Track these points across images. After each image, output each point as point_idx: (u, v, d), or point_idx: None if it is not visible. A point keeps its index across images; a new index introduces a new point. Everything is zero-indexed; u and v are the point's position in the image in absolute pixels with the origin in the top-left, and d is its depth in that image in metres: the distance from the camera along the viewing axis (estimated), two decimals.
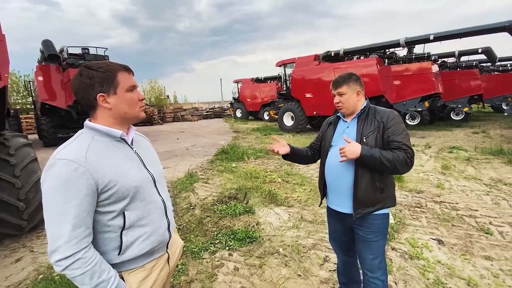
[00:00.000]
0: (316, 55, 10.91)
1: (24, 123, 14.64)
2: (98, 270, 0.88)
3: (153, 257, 1.06)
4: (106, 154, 0.95)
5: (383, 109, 1.53)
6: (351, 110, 1.54)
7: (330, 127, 1.66)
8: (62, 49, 9.88)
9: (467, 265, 2.28)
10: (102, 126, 0.97)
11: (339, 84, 1.52)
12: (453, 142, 7.98)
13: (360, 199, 1.45)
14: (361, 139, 1.45)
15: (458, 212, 3.31)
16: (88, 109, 0.99)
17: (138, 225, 0.98)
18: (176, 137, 11.39)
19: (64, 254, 0.84)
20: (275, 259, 2.47)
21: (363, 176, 1.44)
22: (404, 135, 1.42)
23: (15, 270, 2.46)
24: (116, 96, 0.97)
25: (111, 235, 0.95)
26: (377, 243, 1.51)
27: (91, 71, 0.94)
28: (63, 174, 0.84)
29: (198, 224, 3.16)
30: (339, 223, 1.65)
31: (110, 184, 0.90)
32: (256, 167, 5.58)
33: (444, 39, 8.55)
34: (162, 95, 27.18)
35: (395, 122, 1.44)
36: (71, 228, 0.84)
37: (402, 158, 1.36)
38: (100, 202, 0.91)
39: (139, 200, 0.99)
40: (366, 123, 1.48)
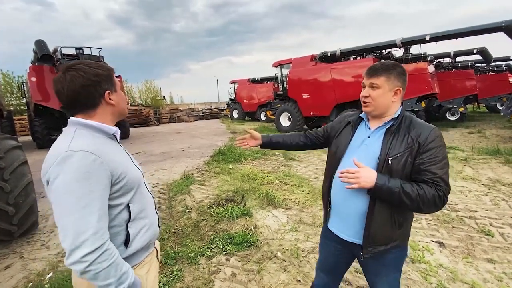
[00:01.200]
0: (313, 56, 10.89)
1: (18, 124, 14.39)
2: (120, 261, 0.89)
3: (148, 251, 1.09)
4: (109, 148, 0.96)
5: (422, 123, 1.16)
6: (379, 112, 1.19)
7: (347, 129, 1.30)
8: (56, 50, 9.73)
9: (470, 268, 2.24)
10: (97, 123, 0.97)
11: (376, 73, 1.15)
12: (449, 142, 8.00)
13: (373, 236, 1.15)
14: (386, 160, 1.11)
15: (458, 213, 3.27)
16: (86, 107, 0.96)
17: (139, 217, 1.01)
18: (172, 138, 11.28)
19: (92, 247, 0.81)
20: (274, 263, 2.40)
21: (381, 205, 1.13)
22: (443, 164, 1.08)
23: (4, 278, 2.36)
24: (117, 93, 1.02)
25: (117, 229, 0.95)
26: (389, 277, 1.25)
27: (95, 69, 0.95)
28: (83, 165, 0.83)
29: (194, 228, 3.08)
30: (338, 249, 1.34)
31: (121, 175, 0.92)
32: (254, 169, 5.51)
33: (440, 39, 8.58)
34: (158, 96, 26.97)
35: (436, 145, 1.08)
36: (97, 219, 0.83)
37: (431, 197, 1.05)
38: (111, 195, 0.91)
39: (139, 193, 1.02)
40: (397, 138, 1.12)
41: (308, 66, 10.79)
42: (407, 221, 1.20)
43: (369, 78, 1.18)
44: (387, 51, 10.07)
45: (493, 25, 7.51)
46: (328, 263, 1.44)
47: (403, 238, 1.22)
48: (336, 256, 1.38)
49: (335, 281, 1.50)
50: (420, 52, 9.91)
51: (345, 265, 1.43)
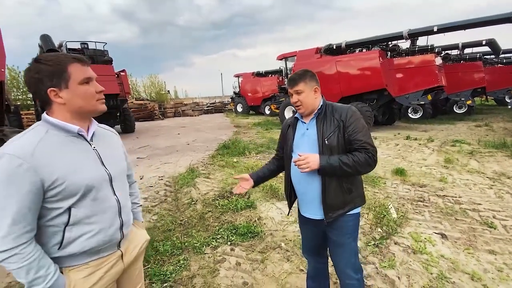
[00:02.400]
0: (318, 48, 10.77)
1: (25, 119, 14.63)
2: (36, 266, 0.87)
3: (99, 256, 1.03)
4: (58, 149, 0.92)
5: (340, 105, 1.46)
6: (310, 109, 1.45)
7: (290, 129, 1.57)
8: (61, 44, 9.81)
9: (471, 259, 2.26)
10: (58, 121, 0.93)
11: (295, 82, 1.43)
12: (456, 135, 7.92)
13: (329, 203, 1.40)
14: (323, 141, 1.38)
15: (461, 206, 3.28)
16: (44, 104, 0.95)
17: (84, 222, 0.96)
18: (177, 132, 11.37)
19: (1, 248, 0.84)
20: (277, 254, 2.46)
21: (331, 180, 1.39)
22: (364, 132, 1.38)
23: None
24: (69, 90, 0.92)
25: (54, 229, 0.93)
26: (350, 244, 1.48)
27: (39, 65, 0.89)
28: (6, 169, 0.83)
29: (199, 219, 3.15)
30: (311, 230, 1.59)
31: (58, 181, 0.88)
32: (258, 162, 5.55)
33: (448, 30, 8.41)
34: (163, 90, 27.07)
35: (354, 119, 1.38)
36: (10, 223, 0.83)
37: (363, 160, 1.33)
38: (47, 199, 0.89)
39: (90, 198, 0.96)
40: (326, 122, 1.41)
41: (313, 59, 10.67)
42: (354, 185, 1.45)
43: (292, 87, 1.45)
44: (393, 43, 9.92)
45: (502, 16, 7.33)
46: (309, 246, 1.68)
47: (357, 200, 1.46)
48: (313, 237, 1.62)
49: (321, 262, 1.72)
50: (427, 44, 9.74)
51: (323, 244, 1.63)
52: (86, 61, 0.98)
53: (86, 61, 0.98)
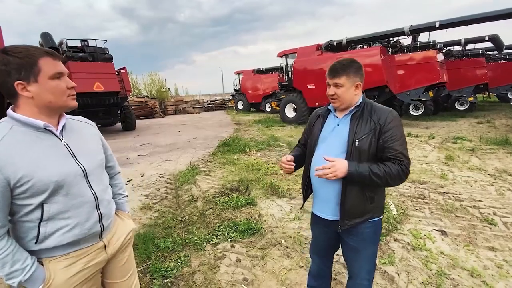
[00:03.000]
0: (318, 45, 10.73)
1: None
2: (10, 260, 0.88)
3: (79, 247, 1.03)
4: (24, 146, 0.89)
5: (381, 107, 1.32)
6: (346, 105, 1.34)
7: (319, 121, 1.46)
8: (62, 42, 9.80)
9: (471, 256, 2.27)
10: (22, 116, 0.91)
11: (337, 73, 1.29)
12: (457, 132, 7.89)
13: (347, 209, 1.29)
14: (353, 142, 1.26)
15: (462, 203, 3.28)
16: (9, 97, 0.92)
17: (59, 217, 0.95)
18: (177, 130, 11.38)
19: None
20: (277, 250, 2.47)
21: (352, 184, 1.27)
22: (402, 141, 1.25)
23: None
24: (38, 84, 0.90)
25: (29, 225, 0.93)
26: (368, 250, 1.38)
27: (7, 56, 0.86)
28: None
29: (200, 216, 3.17)
30: (323, 230, 1.50)
31: (23, 179, 0.87)
32: (258, 159, 5.56)
33: (450, 26, 8.35)
34: (163, 88, 27.05)
35: (394, 125, 1.24)
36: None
37: (395, 172, 1.21)
38: (15, 196, 0.89)
39: (62, 194, 0.95)
40: (361, 122, 1.28)
41: (313, 56, 10.64)
42: (378, 195, 1.33)
43: (332, 78, 1.32)
44: (394, 39, 9.86)
45: (506, 11, 7.26)
46: (319, 246, 1.59)
47: (376, 211, 1.34)
48: (323, 237, 1.53)
49: (327, 263, 1.64)
50: (429, 40, 9.68)
51: (333, 247, 1.56)
52: (58, 55, 0.96)
53: (58, 55, 0.96)
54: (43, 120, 0.94)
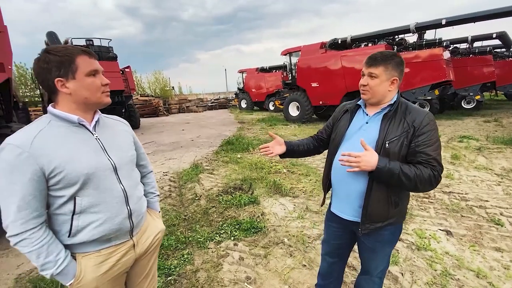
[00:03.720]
0: (323, 43, 10.65)
1: (33, 115, 14.87)
2: (45, 251, 0.92)
3: (110, 244, 1.06)
4: (59, 139, 0.94)
5: (417, 108, 1.22)
6: (376, 100, 1.24)
7: (346, 116, 1.37)
8: (67, 41, 9.85)
9: (477, 256, 2.24)
10: (59, 111, 0.97)
11: (375, 63, 1.19)
12: (463, 131, 7.79)
13: (370, 212, 1.22)
14: (383, 144, 1.17)
15: (468, 202, 3.24)
16: (49, 94, 0.98)
17: (90, 211, 0.99)
18: (181, 128, 11.42)
19: (12, 232, 0.90)
20: (280, 249, 2.47)
21: (379, 186, 1.19)
22: (436, 146, 1.15)
23: (26, 259, 2.52)
24: (75, 80, 0.95)
25: (63, 218, 0.97)
26: (385, 251, 1.37)
27: (48, 55, 0.92)
28: (8, 159, 0.87)
29: (203, 215, 3.18)
30: (339, 229, 1.44)
31: (56, 170, 0.91)
32: (261, 158, 5.55)
33: (457, 23, 8.23)
34: (167, 87, 27.16)
35: (429, 128, 1.15)
36: (16, 210, 0.88)
37: (427, 177, 1.11)
38: (50, 187, 0.93)
39: (92, 187, 0.98)
40: (393, 123, 1.18)
41: (317, 54, 10.57)
42: (402, 200, 1.27)
43: (368, 67, 1.23)
44: (400, 37, 9.74)
45: None
46: (332, 246, 1.53)
47: (399, 216, 1.29)
48: (339, 237, 1.47)
49: (339, 264, 1.58)
50: (435, 38, 9.54)
51: (347, 246, 1.51)
52: (93, 54, 1.00)
53: (93, 54, 1.00)
54: (79, 115, 0.99)
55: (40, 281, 2.08)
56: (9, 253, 2.62)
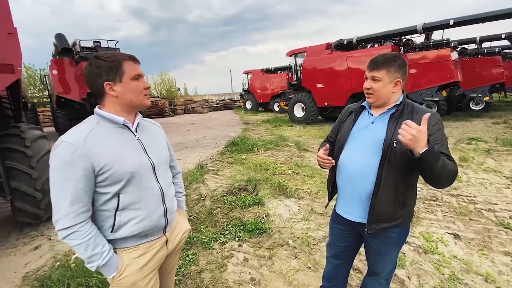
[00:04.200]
0: (328, 44, 10.61)
1: (42, 116, 15.12)
2: (93, 243, 0.98)
3: (147, 239, 1.13)
4: (107, 139, 1.01)
5: (423, 108, 1.22)
6: (381, 102, 1.24)
7: (350, 117, 1.37)
8: (75, 43, 10.03)
9: (485, 260, 2.19)
10: (106, 113, 1.03)
11: (376, 66, 1.20)
12: (472, 133, 7.66)
13: (377, 212, 1.21)
14: (390, 143, 1.16)
15: (476, 205, 3.18)
16: (97, 97, 1.05)
17: (132, 208, 1.05)
18: (186, 129, 11.48)
19: (63, 226, 0.94)
20: (285, 250, 2.46)
21: (386, 186, 1.18)
22: (446, 146, 1.15)
23: (34, 257, 2.56)
24: (122, 84, 1.02)
25: (107, 214, 1.03)
26: (392, 254, 1.36)
27: (99, 61, 1.00)
28: (63, 155, 0.93)
29: (208, 215, 3.18)
30: (345, 231, 1.43)
31: (105, 167, 0.97)
32: (266, 159, 5.55)
33: (465, 24, 8.11)
34: (173, 88, 27.33)
35: (437, 128, 1.15)
36: (69, 204, 0.94)
37: (454, 170, 1.09)
38: (97, 183, 0.99)
39: (134, 185, 1.04)
40: (400, 123, 1.14)
41: (323, 55, 10.53)
42: (410, 201, 1.25)
43: (371, 71, 1.23)
44: (406, 38, 9.64)
45: None
46: (337, 248, 1.51)
47: (406, 217, 1.28)
48: (344, 239, 1.46)
49: (345, 267, 1.57)
50: (443, 38, 9.42)
51: (353, 249, 1.50)
52: (137, 59, 1.07)
53: (137, 59, 1.07)
54: (123, 117, 1.06)
55: (47, 279, 2.11)
56: (16, 252, 2.66)
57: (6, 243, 2.83)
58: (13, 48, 2.45)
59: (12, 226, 3.16)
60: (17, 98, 3.33)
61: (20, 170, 2.78)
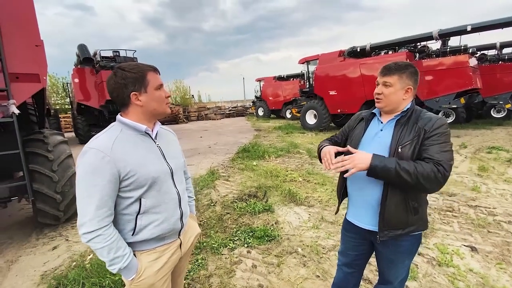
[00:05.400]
0: (341, 51, 10.58)
1: (63, 122, 15.86)
2: (115, 247, 1.01)
3: (164, 242, 1.17)
4: (131, 146, 1.06)
5: (430, 114, 1.23)
6: (391, 108, 1.26)
7: (361, 124, 1.39)
8: (96, 53, 10.53)
9: (503, 275, 2.09)
10: (130, 121, 1.08)
11: (389, 72, 1.23)
12: (492, 141, 7.36)
13: (388, 219, 1.21)
14: (396, 148, 1.18)
15: (496, 217, 3.05)
16: (121, 106, 1.10)
17: (152, 211, 1.09)
18: (199, 136, 11.68)
19: (88, 229, 0.97)
20: (294, 258, 2.44)
21: (394, 191, 1.19)
22: (444, 145, 1.14)
23: (52, 257, 2.68)
24: (147, 94, 1.07)
25: (128, 218, 1.07)
26: (404, 262, 1.33)
27: (124, 72, 1.05)
28: (92, 162, 0.97)
29: (218, 221, 3.22)
30: (356, 239, 1.42)
31: (130, 173, 1.01)
32: (277, 166, 5.55)
33: (483, 30, 7.87)
34: (187, 95, 27.95)
35: (440, 131, 1.15)
36: (95, 208, 0.97)
37: (429, 171, 1.09)
38: (121, 188, 1.03)
39: (155, 189, 1.09)
40: (406, 129, 1.20)
41: (335, 62, 10.50)
42: (421, 206, 1.24)
43: (383, 76, 1.26)
44: (422, 44, 9.47)
45: None
46: (349, 256, 1.50)
47: (420, 224, 1.26)
48: (355, 247, 1.45)
49: (355, 275, 1.55)
50: (460, 44, 9.18)
51: (365, 257, 1.48)
52: (158, 70, 1.14)
53: (158, 70, 1.14)
54: (145, 125, 1.10)
55: (64, 278, 2.20)
56: (36, 251, 2.79)
57: (26, 243, 2.98)
58: (39, 59, 2.63)
59: (33, 227, 3.32)
60: (41, 106, 3.54)
61: (42, 173, 2.94)
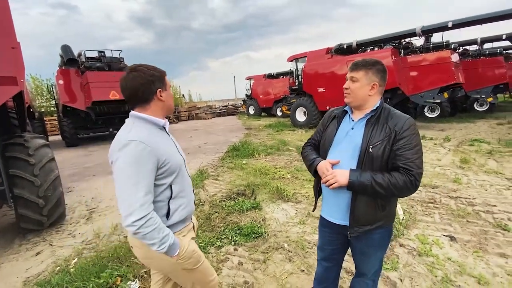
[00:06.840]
0: (328, 49, 10.69)
1: (49, 125, 15.44)
2: (162, 226, 1.12)
3: (186, 224, 1.32)
4: (159, 137, 1.18)
5: (399, 113, 1.27)
6: (358, 104, 1.30)
7: (334, 122, 1.42)
8: (80, 53, 10.30)
9: (480, 262, 2.18)
10: (149, 116, 1.18)
11: (356, 68, 1.28)
12: (475, 134, 7.59)
13: (357, 216, 1.27)
14: (367, 148, 1.21)
15: (475, 207, 3.16)
16: (142, 102, 1.18)
17: (179, 196, 1.23)
18: (189, 135, 11.60)
19: (139, 216, 1.04)
20: (280, 254, 2.48)
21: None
22: (416, 150, 1.18)
23: (35, 263, 2.63)
24: (166, 92, 1.22)
25: (161, 204, 1.18)
26: (376, 254, 1.39)
27: (150, 71, 1.17)
28: (135, 152, 1.05)
29: (206, 220, 3.22)
30: (331, 234, 1.47)
31: (165, 161, 1.13)
32: (266, 164, 5.59)
33: (463, 26, 8.09)
34: (178, 95, 27.68)
35: (409, 133, 1.19)
36: (144, 195, 1.06)
37: (402, 183, 1.15)
38: (157, 176, 1.13)
39: (181, 176, 1.23)
40: (376, 128, 1.23)
41: (323, 59, 10.61)
42: (390, 204, 1.30)
43: (351, 72, 1.31)
44: (406, 41, 9.66)
45: None
46: (326, 251, 1.55)
47: (387, 219, 1.32)
48: (332, 242, 1.50)
49: (334, 269, 1.60)
50: (443, 40, 9.42)
51: (341, 251, 1.53)
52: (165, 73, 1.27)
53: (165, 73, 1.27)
54: (162, 120, 1.23)
55: (47, 283, 2.17)
56: (18, 257, 2.74)
57: (9, 249, 2.91)
58: (16, 62, 2.56)
59: (15, 233, 3.25)
60: (21, 109, 3.46)
61: (24, 178, 2.87)
